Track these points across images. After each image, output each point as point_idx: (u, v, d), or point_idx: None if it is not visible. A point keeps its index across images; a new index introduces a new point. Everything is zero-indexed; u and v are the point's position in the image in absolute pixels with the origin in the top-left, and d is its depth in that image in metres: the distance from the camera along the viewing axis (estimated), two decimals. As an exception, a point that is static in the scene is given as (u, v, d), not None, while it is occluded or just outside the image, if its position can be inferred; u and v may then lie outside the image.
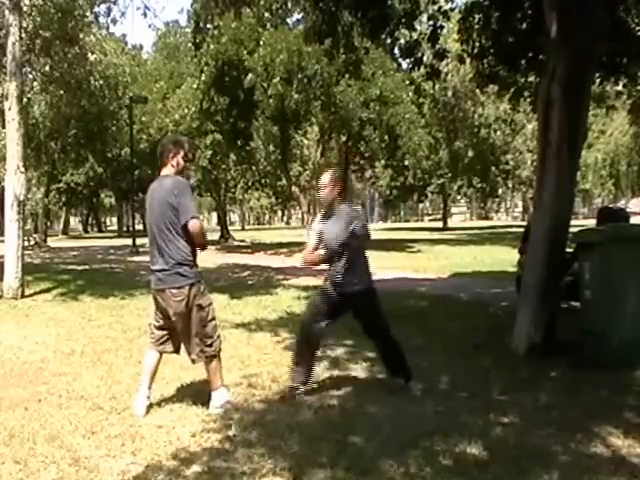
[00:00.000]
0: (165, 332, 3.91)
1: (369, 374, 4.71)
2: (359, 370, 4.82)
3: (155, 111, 24.36)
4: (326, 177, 4.14)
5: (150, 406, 3.87)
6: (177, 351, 3.99)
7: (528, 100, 9.61)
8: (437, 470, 2.88)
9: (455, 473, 2.84)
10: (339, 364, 4.95)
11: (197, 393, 4.16)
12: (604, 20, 5.51)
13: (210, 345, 3.79)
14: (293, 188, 22.50)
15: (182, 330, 3.80)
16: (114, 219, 61.49)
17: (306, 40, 9.34)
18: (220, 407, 3.80)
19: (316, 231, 4.17)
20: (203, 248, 3.91)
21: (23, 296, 9.60)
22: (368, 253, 4.21)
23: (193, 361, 3.89)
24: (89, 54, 15.86)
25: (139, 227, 29.78)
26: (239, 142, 21.43)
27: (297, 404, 3.94)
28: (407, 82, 17.94)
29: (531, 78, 8.58)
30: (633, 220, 6.68)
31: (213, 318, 3.84)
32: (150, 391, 3.90)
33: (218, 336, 3.88)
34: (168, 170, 3.85)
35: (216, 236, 32.99)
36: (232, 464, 3.00)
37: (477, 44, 7.97)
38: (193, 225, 3.69)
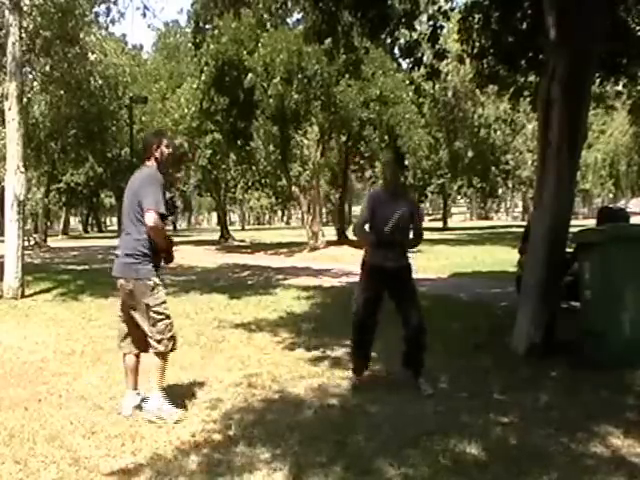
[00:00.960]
0: (126, 328, 3.79)
1: (369, 374, 4.70)
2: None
3: (155, 111, 24.34)
4: (390, 155, 4.34)
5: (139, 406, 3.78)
6: (146, 349, 3.76)
7: (528, 100, 9.60)
8: (437, 470, 2.88)
9: (455, 473, 2.84)
10: (339, 364, 4.95)
11: (197, 393, 4.17)
12: (604, 20, 5.51)
13: (159, 341, 3.65)
14: (293, 188, 22.46)
15: (135, 320, 3.70)
16: (114, 219, 61.44)
17: (306, 40, 9.33)
18: (153, 413, 3.62)
19: (371, 206, 4.21)
20: (168, 258, 3.75)
21: (23, 296, 9.60)
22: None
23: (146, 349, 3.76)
24: (89, 54, 15.86)
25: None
26: (239, 142, 21.41)
27: (297, 404, 3.95)
28: (407, 82, 17.89)
29: (531, 78, 8.57)
30: (633, 220, 6.69)
31: (165, 318, 3.67)
32: (137, 392, 3.84)
33: (171, 337, 3.69)
34: (150, 162, 3.79)
35: (216, 236, 33.02)
36: (232, 464, 3.00)
37: (477, 44, 7.96)
38: (147, 217, 3.52)
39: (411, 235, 4.36)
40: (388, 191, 4.25)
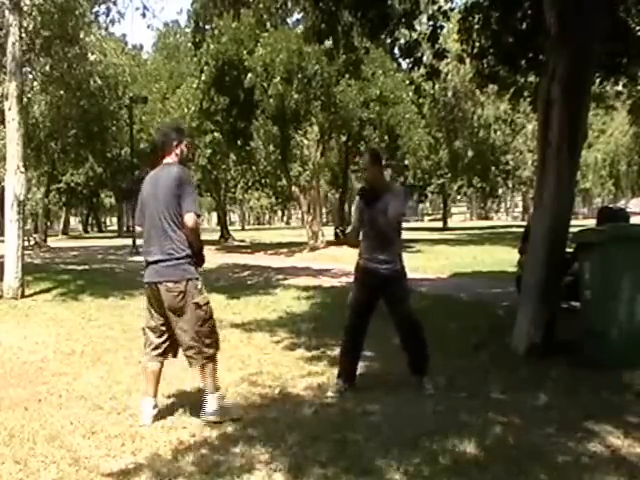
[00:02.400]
0: (162, 337, 3.68)
1: (369, 374, 4.70)
2: (359, 370, 4.80)
3: (155, 111, 24.34)
4: (366, 157, 4.33)
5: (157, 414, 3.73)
6: (175, 354, 3.78)
7: (528, 100, 9.60)
8: (437, 470, 2.88)
9: (455, 473, 2.84)
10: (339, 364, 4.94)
11: (197, 393, 4.17)
12: (604, 20, 5.51)
13: (208, 345, 3.60)
14: (293, 188, 22.47)
15: (178, 328, 3.58)
16: (114, 219, 61.49)
17: (306, 40, 9.34)
18: (213, 414, 3.60)
19: (360, 210, 4.22)
20: (200, 261, 3.67)
21: (23, 296, 9.60)
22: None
23: (190, 363, 3.66)
24: (89, 54, 15.86)
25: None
26: (239, 142, 21.42)
27: (297, 403, 3.95)
28: (407, 82, 17.90)
29: (531, 78, 8.57)
30: (633, 220, 6.68)
31: (211, 317, 3.66)
32: (156, 400, 3.73)
33: (217, 337, 3.71)
34: (172, 159, 3.69)
35: (216, 236, 33.00)
36: (232, 464, 3.00)
37: (477, 44, 7.96)
38: (190, 218, 3.49)
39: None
40: (372, 193, 4.22)
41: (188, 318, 3.56)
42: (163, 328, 3.68)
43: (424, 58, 7.90)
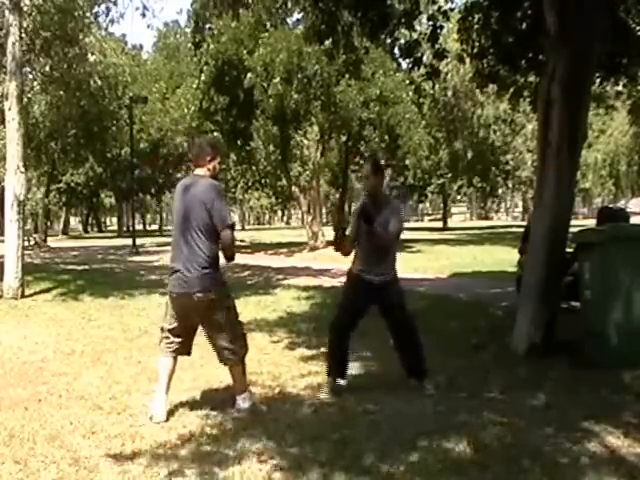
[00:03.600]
0: (182, 338, 3.77)
1: (369, 374, 4.71)
2: (359, 369, 4.81)
3: (155, 111, 24.41)
4: (368, 166, 4.25)
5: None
6: (189, 353, 3.90)
7: (528, 100, 9.60)
8: (436, 470, 2.88)
9: (455, 473, 2.84)
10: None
11: (197, 393, 4.17)
12: (604, 20, 5.51)
13: (242, 346, 3.78)
14: (293, 188, 22.48)
15: (209, 333, 3.73)
16: (114, 219, 61.47)
17: (306, 40, 9.34)
18: (244, 411, 3.73)
19: (358, 221, 4.16)
20: (230, 259, 3.78)
21: (23, 296, 9.60)
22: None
23: (225, 363, 3.80)
24: (89, 54, 15.86)
25: (139, 227, 29.81)
26: (239, 142, 21.43)
27: (297, 403, 3.95)
28: (407, 82, 17.92)
29: (531, 78, 8.57)
30: (633, 220, 6.67)
31: (238, 318, 3.83)
32: (167, 396, 3.76)
33: (246, 338, 3.86)
34: (203, 172, 3.76)
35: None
36: (232, 464, 3.00)
37: (477, 44, 7.96)
38: (226, 235, 3.61)
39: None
40: (372, 203, 4.18)
41: (223, 323, 3.69)
42: (184, 332, 3.77)
43: (424, 58, 7.89)
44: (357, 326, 4.27)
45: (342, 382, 4.21)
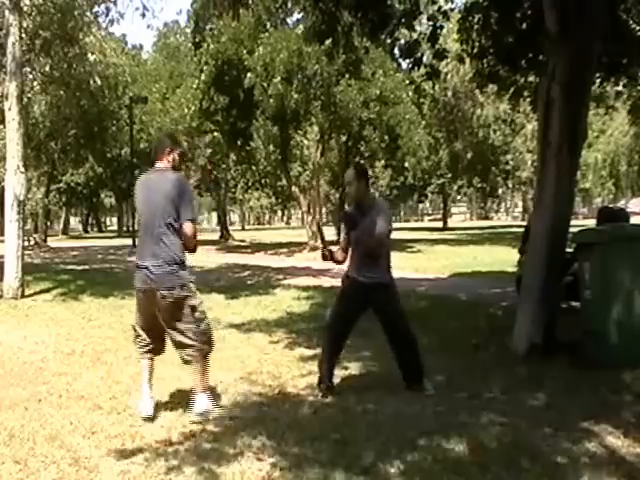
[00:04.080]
0: (152, 336, 3.75)
1: (369, 373, 4.71)
2: (359, 369, 4.82)
3: (155, 111, 24.38)
4: (351, 172, 4.18)
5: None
6: (163, 351, 3.87)
7: (528, 100, 9.60)
8: (437, 470, 2.88)
9: (455, 473, 2.84)
10: (339, 363, 4.94)
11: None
12: (604, 20, 5.51)
13: (205, 342, 3.68)
14: (293, 188, 22.49)
15: (172, 330, 3.64)
16: (114, 219, 61.52)
17: (306, 40, 9.34)
18: (202, 413, 3.63)
19: (347, 227, 4.16)
20: (191, 251, 3.77)
21: (23, 296, 9.60)
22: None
23: (186, 361, 3.72)
24: (89, 54, 15.84)
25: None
26: (239, 142, 21.44)
27: (297, 403, 3.95)
28: (407, 82, 17.93)
29: (531, 78, 8.57)
30: (633, 220, 6.67)
31: (206, 316, 3.75)
32: (152, 392, 3.77)
33: (212, 334, 3.77)
34: (164, 165, 3.72)
35: (216, 236, 33.00)
36: (232, 464, 3.00)
37: (477, 44, 7.96)
38: (188, 227, 3.58)
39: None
40: (357, 208, 4.16)
41: (186, 321, 3.62)
42: (152, 328, 3.74)
43: (424, 58, 7.88)
44: (350, 332, 4.25)
45: (329, 384, 4.16)
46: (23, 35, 10.97)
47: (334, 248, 4.29)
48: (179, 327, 3.62)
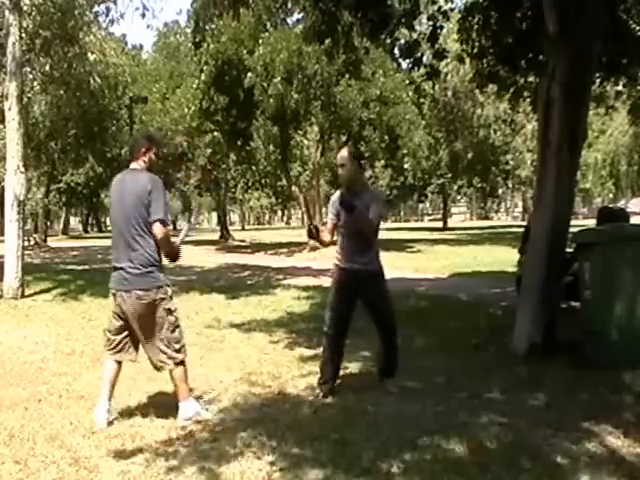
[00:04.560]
0: (123, 337, 3.68)
1: (369, 373, 4.70)
2: (359, 370, 4.82)
3: (155, 111, 24.38)
4: (344, 153, 4.04)
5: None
6: (132, 358, 3.78)
7: (528, 100, 9.60)
8: (437, 470, 2.88)
9: (455, 473, 2.84)
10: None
11: (197, 393, 4.16)
12: (604, 20, 5.51)
13: (178, 351, 3.61)
14: (293, 188, 22.50)
15: (145, 335, 3.59)
16: (114, 219, 61.38)
17: (306, 40, 9.33)
18: (190, 418, 3.60)
19: (335, 209, 4.07)
20: (173, 259, 3.68)
21: (23, 296, 9.60)
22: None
23: (158, 368, 3.67)
24: (89, 54, 15.84)
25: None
26: (239, 142, 21.44)
27: (297, 403, 3.95)
28: (407, 82, 17.93)
29: (531, 78, 8.57)
30: (633, 220, 6.67)
31: (179, 324, 3.67)
32: (110, 403, 3.67)
33: (184, 343, 3.69)
34: (139, 165, 3.67)
35: (216, 236, 33.00)
36: (232, 464, 3.00)
37: (477, 44, 7.96)
38: (156, 228, 3.50)
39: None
40: (349, 191, 4.05)
41: (159, 325, 3.57)
42: (124, 331, 3.68)
43: (424, 58, 7.89)
44: (349, 328, 4.22)
45: (324, 388, 4.11)
46: (23, 35, 10.97)
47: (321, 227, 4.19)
48: (152, 332, 3.58)
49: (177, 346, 3.62)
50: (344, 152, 4.07)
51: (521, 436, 3.27)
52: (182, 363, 3.65)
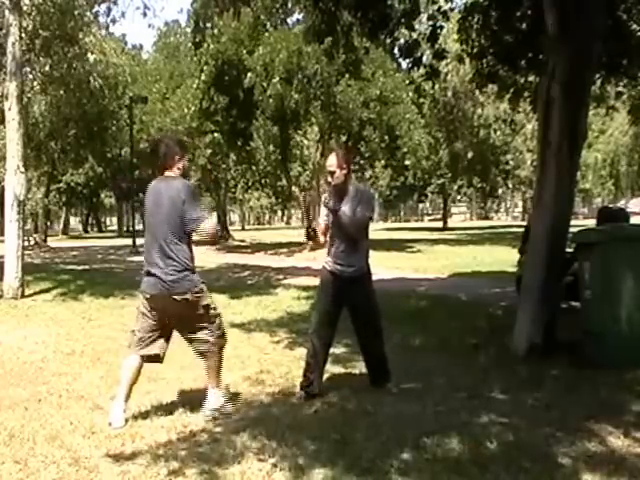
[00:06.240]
0: (154, 334, 3.72)
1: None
2: (359, 369, 4.81)
3: (155, 111, 24.38)
4: (333, 160, 4.02)
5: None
6: (162, 359, 3.80)
7: (528, 100, 9.60)
8: (437, 470, 2.88)
9: (455, 473, 2.84)
10: (339, 363, 4.95)
11: (198, 393, 4.16)
12: (604, 20, 5.51)
13: (220, 337, 3.80)
14: (293, 188, 22.53)
15: (188, 330, 3.73)
16: (114, 219, 61.51)
17: (306, 40, 9.34)
18: (215, 410, 3.69)
19: (326, 212, 4.06)
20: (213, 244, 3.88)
21: (23, 296, 9.60)
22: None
23: (201, 353, 3.76)
24: (89, 54, 15.86)
25: (139, 227, 29.84)
26: (239, 142, 21.45)
27: (297, 403, 3.95)
28: (407, 82, 17.93)
29: (531, 78, 8.57)
30: (633, 220, 6.67)
31: (219, 313, 3.85)
32: (127, 404, 3.67)
33: (224, 330, 3.89)
34: (174, 172, 3.74)
35: (216, 236, 32.87)
36: (232, 464, 3.00)
37: (477, 44, 7.97)
38: (210, 226, 3.68)
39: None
40: (338, 192, 4.01)
41: (202, 320, 3.72)
42: (157, 331, 3.74)
43: (424, 58, 7.90)
44: (334, 335, 4.20)
45: (309, 391, 4.07)
46: (23, 35, 10.97)
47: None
48: (194, 326, 3.71)
49: (219, 332, 3.80)
50: (332, 159, 4.03)
51: (521, 436, 3.27)
52: (222, 349, 3.83)
